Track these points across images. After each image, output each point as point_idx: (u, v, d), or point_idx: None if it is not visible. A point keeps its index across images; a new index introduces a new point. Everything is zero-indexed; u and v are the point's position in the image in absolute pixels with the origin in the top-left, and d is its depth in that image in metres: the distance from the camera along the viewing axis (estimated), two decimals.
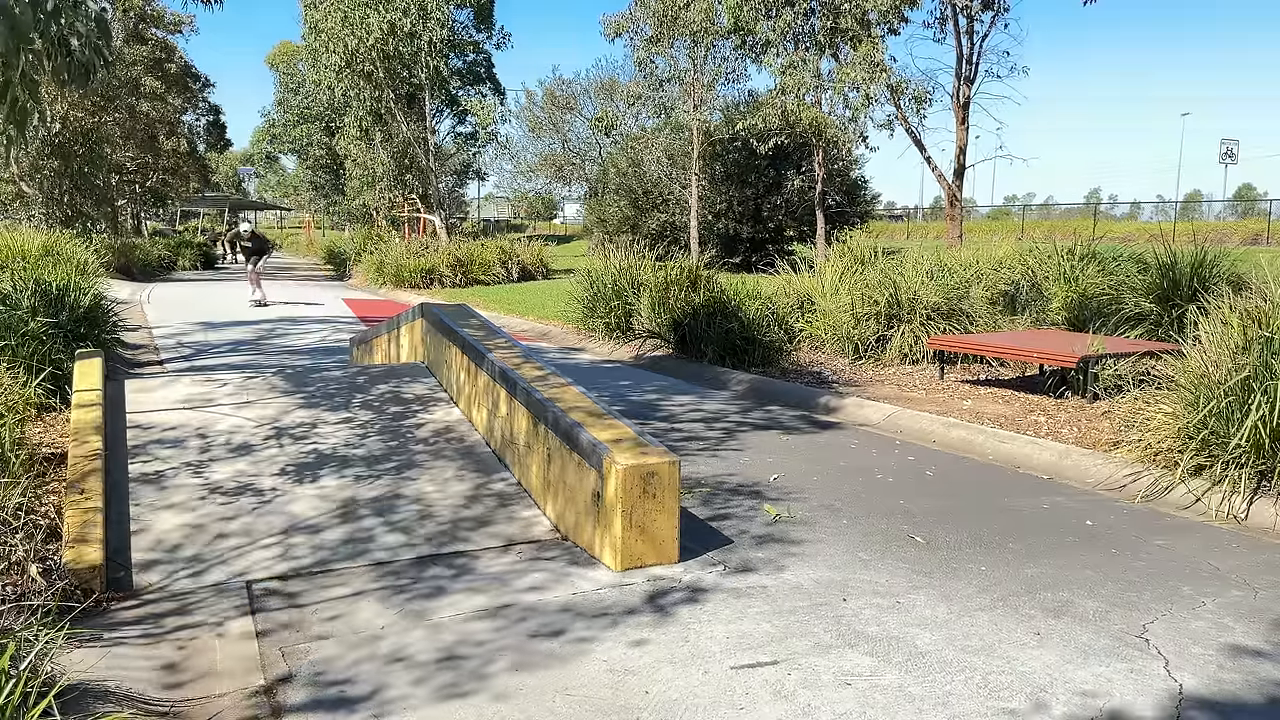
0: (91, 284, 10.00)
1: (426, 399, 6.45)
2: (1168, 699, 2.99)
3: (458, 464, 5.38)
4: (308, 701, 2.98)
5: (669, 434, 6.75)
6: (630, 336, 11.30)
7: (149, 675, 3.09)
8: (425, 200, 30.67)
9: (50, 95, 22.27)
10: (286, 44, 52.19)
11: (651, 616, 3.61)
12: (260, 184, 70.22)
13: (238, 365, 10.02)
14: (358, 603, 3.74)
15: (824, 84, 18.97)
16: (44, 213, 25.28)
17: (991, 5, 17.84)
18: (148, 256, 27.92)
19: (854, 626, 3.53)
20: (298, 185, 56.16)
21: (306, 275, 30.16)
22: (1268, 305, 5.76)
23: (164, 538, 4.30)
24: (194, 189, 36.35)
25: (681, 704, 2.96)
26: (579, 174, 52.04)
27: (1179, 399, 5.49)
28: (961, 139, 18.62)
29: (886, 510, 5.02)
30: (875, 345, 9.69)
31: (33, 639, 2.81)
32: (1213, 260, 9.14)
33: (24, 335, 7.03)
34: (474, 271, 22.59)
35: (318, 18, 26.90)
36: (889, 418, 7.17)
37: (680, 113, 23.80)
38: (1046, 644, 3.38)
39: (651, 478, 4.05)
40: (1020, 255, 11.12)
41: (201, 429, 5.66)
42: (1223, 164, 42.22)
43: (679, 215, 26.20)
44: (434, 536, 4.46)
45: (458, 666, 3.21)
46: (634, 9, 22.34)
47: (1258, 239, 29.34)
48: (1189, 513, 4.99)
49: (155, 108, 30.26)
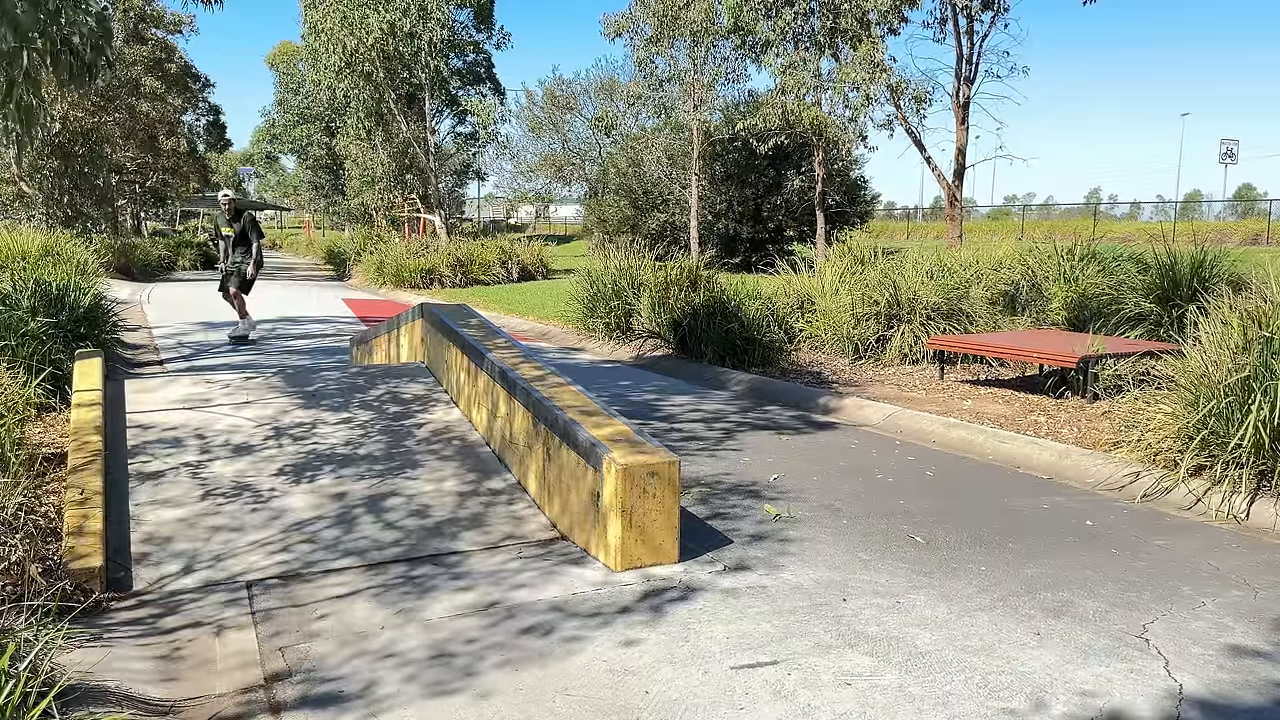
0: (91, 284, 10.00)
1: (426, 399, 6.45)
2: (1167, 699, 2.99)
3: (457, 464, 5.38)
4: (307, 699, 2.98)
5: (668, 434, 6.75)
6: (630, 336, 11.30)
7: (148, 674, 3.09)
8: (425, 200, 30.67)
9: (51, 95, 22.27)
10: (286, 44, 52.19)
11: (651, 616, 3.61)
12: (260, 184, 70.22)
13: (237, 365, 10.02)
14: (356, 602, 3.74)
15: (824, 84, 18.97)
16: (44, 213, 25.29)
17: (991, 5, 17.84)
18: (147, 256, 27.91)
19: (854, 626, 3.53)
20: (298, 185, 56.14)
21: (306, 275, 30.15)
22: (1268, 305, 5.76)
23: (164, 537, 4.30)
24: (194, 189, 36.35)
25: (681, 704, 2.96)
26: (579, 174, 52.02)
27: (1179, 399, 5.49)
28: (961, 139, 18.62)
29: (886, 510, 5.02)
30: (875, 345, 9.69)
31: (33, 639, 2.81)
32: (1213, 260, 9.15)
33: (24, 335, 7.03)
34: (474, 271, 22.59)
35: (317, 18, 26.89)
36: (889, 418, 7.17)
37: (680, 113, 23.80)
38: (1046, 644, 3.38)
39: (651, 477, 4.05)
40: (1020, 255, 11.12)
41: (201, 429, 5.66)
42: (1223, 164, 42.23)
43: (679, 215, 26.20)
44: (433, 536, 4.46)
45: (454, 665, 3.21)
46: (634, 9, 22.34)
47: (1258, 239, 29.34)
48: (1189, 513, 4.99)
49: (155, 108, 30.26)
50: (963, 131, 18.55)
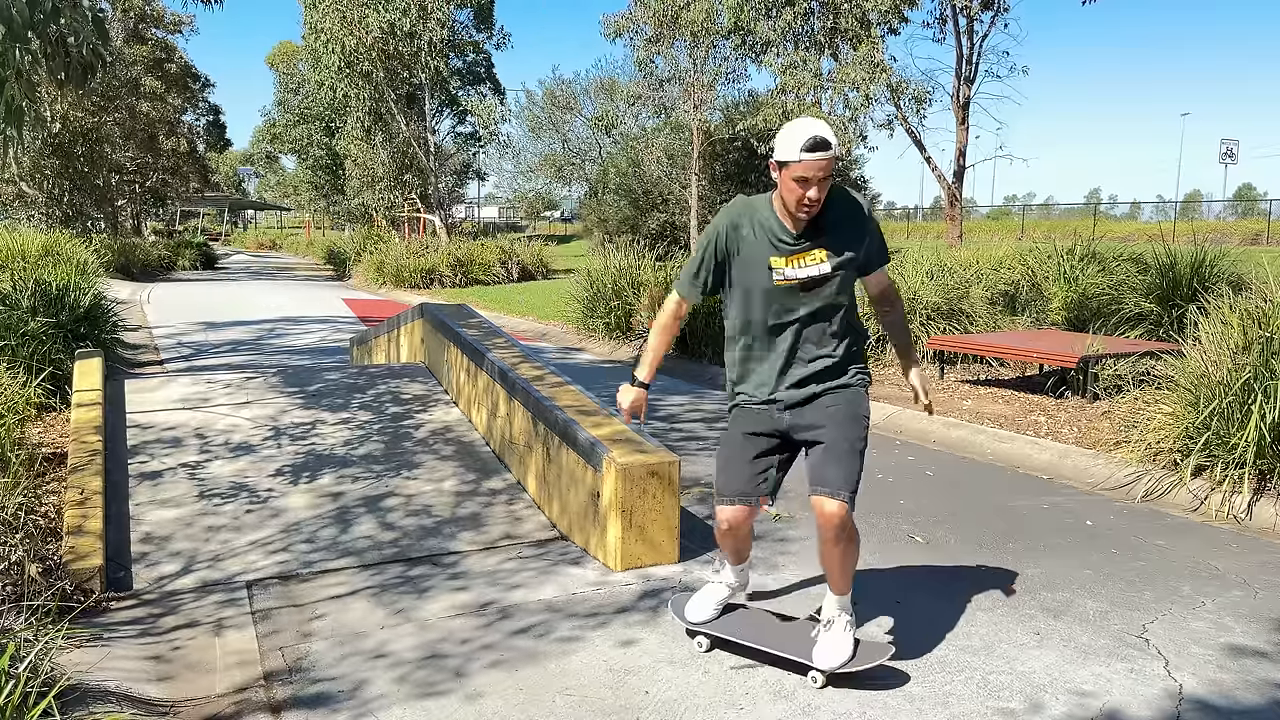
0: (91, 284, 10.01)
1: (426, 399, 6.45)
2: (1167, 699, 2.99)
3: (457, 464, 5.37)
4: (306, 699, 2.98)
5: (668, 433, 6.75)
6: (630, 336, 11.30)
7: (148, 674, 3.09)
8: (425, 200, 30.67)
9: (50, 95, 22.28)
10: (286, 44, 52.14)
11: (651, 616, 3.61)
12: (260, 184, 70.22)
13: (237, 365, 10.02)
14: (354, 601, 3.74)
15: (824, 84, 18.97)
16: (44, 213, 25.29)
17: (991, 5, 17.84)
18: (147, 256, 27.92)
19: None
20: (298, 185, 56.11)
21: (306, 275, 30.16)
22: (1268, 305, 5.76)
23: (163, 537, 4.30)
24: (194, 189, 36.36)
25: (682, 704, 2.96)
26: (579, 174, 52.01)
27: (1179, 399, 5.48)
28: (961, 139, 18.61)
29: (886, 510, 5.02)
30: (875, 345, 9.68)
31: (33, 639, 2.81)
32: (1213, 260, 9.14)
33: (24, 335, 7.03)
34: (474, 271, 22.59)
35: (317, 18, 26.89)
36: (889, 418, 7.17)
37: (680, 113, 23.80)
38: (1046, 644, 3.38)
39: (650, 477, 4.05)
40: (1020, 255, 11.11)
41: (201, 429, 5.66)
42: (1223, 164, 42.21)
43: (679, 215, 26.20)
44: (432, 536, 4.46)
45: (452, 666, 3.21)
46: (634, 9, 22.34)
47: (1258, 239, 29.31)
48: (1189, 513, 4.99)
49: (155, 108, 30.25)
50: (963, 131, 18.55)
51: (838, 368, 3.02)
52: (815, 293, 2.95)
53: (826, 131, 2.78)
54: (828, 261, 2.92)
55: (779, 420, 3.04)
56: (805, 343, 3.00)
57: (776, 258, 2.94)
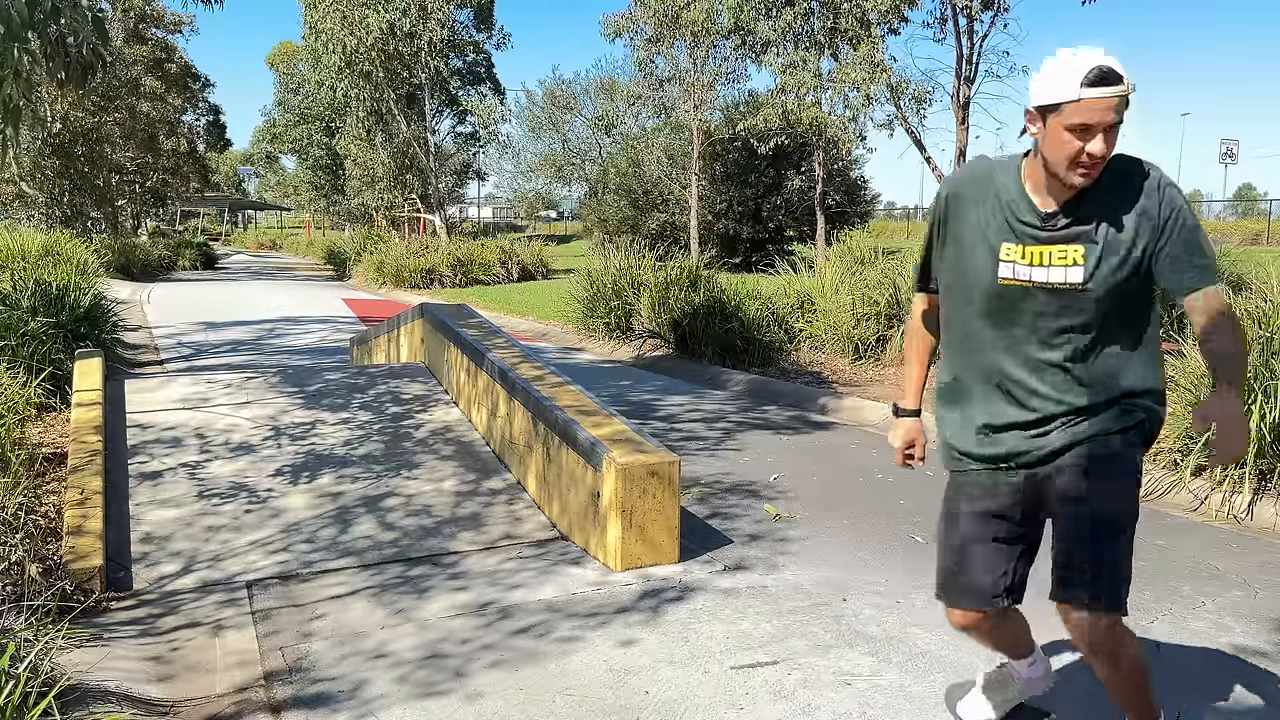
0: (91, 284, 10.01)
1: (426, 399, 6.45)
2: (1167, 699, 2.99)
3: (457, 464, 5.37)
4: (305, 698, 2.98)
5: (668, 433, 6.75)
6: (630, 336, 11.30)
7: (148, 674, 3.09)
8: (425, 200, 30.67)
9: (51, 95, 22.28)
10: (286, 44, 52.13)
11: (650, 616, 3.61)
12: (260, 184, 70.21)
13: (237, 365, 10.02)
14: (354, 601, 3.74)
15: (824, 84, 18.96)
16: (44, 213, 25.30)
17: (991, 5, 17.82)
18: (148, 256, 27.92)
19: (854, 626, 3.53)
20: (298, 185, 56.12)
21: (306, 275, 30.15)
22: (1267, 305, 5.76)
23: (163, 537, 4.30)
24: (194, 189, 36.35)
25: (682, 704, 2.96)
26: (579, 174, 52.00)
27: (1179, 399, 5.48)
28: (962, 139, 18.60)
29: (886, 510, 5.02)
30: (875, 345, 9.68)
31: (33, 639, 2.81)
32: None
33: (24, 335, 7.03)
34: (474, 271, 22.59)
35: (317, 18, 26.88)
36: (889, 418, 7.16)
37: (680, 113, 23.79)
38: (1047, 644, 3.38)
39: (650, 477, 4.05)
40: None
41: (201, 429, 5.66)
42: (1223, 164, 42.17)
43: (679, 215, 26.18)
44: (433, 536, 4.46)
45: (452, 666, 3.21)
46: (634, 9, 22.32)
47: (1258, 239, 29.31)
48: (1189, 513, 4.99)
49: (155, 108, 30.23)
50: (963, 131, 18.54)
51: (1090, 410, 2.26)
52: (1067, 305, 2.16)
53: (1113, 61, 2.01)
54: (1084, 264, 2.11)
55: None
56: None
57: (1010, 244, 2.17)
